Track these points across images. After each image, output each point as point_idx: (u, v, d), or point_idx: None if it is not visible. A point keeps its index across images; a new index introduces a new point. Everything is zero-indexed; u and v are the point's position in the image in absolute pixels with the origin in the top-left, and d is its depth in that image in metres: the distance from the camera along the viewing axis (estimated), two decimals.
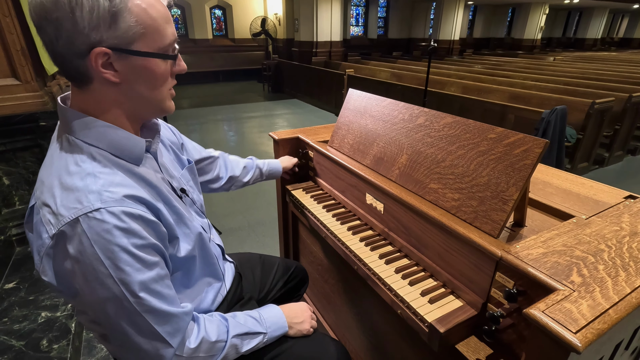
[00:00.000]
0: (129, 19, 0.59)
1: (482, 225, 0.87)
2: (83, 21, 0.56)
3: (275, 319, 0.90)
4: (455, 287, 0.91)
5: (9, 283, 1.90)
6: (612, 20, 19.69)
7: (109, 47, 0.59)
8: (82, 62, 0.59)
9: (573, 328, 0.56)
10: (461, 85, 5.51)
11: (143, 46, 0.62)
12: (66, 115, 0.64)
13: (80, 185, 0.60)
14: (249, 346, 0.82)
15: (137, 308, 0.62)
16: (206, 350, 0.73)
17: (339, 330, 1.58)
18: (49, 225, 0.59)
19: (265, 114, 6.99)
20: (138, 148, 0.69)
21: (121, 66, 0.62)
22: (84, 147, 0.63)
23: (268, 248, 2.60)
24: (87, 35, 0.57)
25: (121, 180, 0.63)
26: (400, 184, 1.12)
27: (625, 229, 0.84)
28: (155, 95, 0.68)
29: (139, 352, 0.66)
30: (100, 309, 0.61)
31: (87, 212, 0.58)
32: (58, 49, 0.58)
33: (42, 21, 0.57)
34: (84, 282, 0.59)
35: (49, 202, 0.60)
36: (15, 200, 2.22)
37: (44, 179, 0.63)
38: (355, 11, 12.94)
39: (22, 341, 1.57)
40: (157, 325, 0.65)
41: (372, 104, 1.35)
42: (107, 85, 0.63)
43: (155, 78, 0.66)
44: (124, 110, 0.67)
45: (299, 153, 1.61)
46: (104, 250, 0.58)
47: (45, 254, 0.60)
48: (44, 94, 2.14)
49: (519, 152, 0.86)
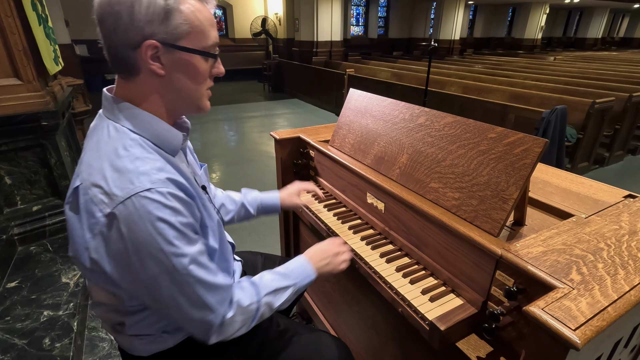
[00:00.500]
0: (179, 18, 0.65)
1: (482, 224, 0.88)
2: (140, 15, 0.62)
3: (301, 268, 0.92)
4: (455, 286, 0.92)
5: (11, 282, 1.91)
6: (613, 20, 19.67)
7: (159, 40, 0.65)
8: (133, 53, 0.65)
9: (572, 325, 0.57)
10: (461, 85, 5.51)
11: (188, 43, 0.68)
12: (114, 104, 0.70)
13: (131, 167, 0.64)
14: (281, 300, 0.85)
15: (188, 280, 0.67)
16: (243, 314, 0.78)
17: (339, 328, 1.58)
18: (102, 204, 0.63)
19: (266, 114, 7.00)
20: (176, 140, 0.75)
21: (167, 60, 0.68)
22: (130, 134, 0.69)
23: (269, 247, 2.61)
24: (142, 28, 0.63)
25: (163, 165, 0.68)
26: (401, 183, 1.13)
27: (625, 228, 0.84)
28: (194, 91, 0.74)
29: (190, 323, 0.71)
30: (153, 283, 0.66)
31: (139, 191, 0.62)
32: (114, 40, 0.65)
33: (104, 14, 0.63)
34: (137, 258, 0.63)
35: (100, 183, 0.64)
36: (17, 200, 2.23)
37: (91, 162, 0.67)
38: (356, 11, 12.95)
39: (25, 340, 1.57)
40: (207, 294, 0.70)
41: (373, 103, 1.36)
42: (153, 77, 0.69)
43: (196, 74, 0.72)
44: (164, 102, 0.73)
45: (300, 152, 1.62)
46: (155, 227, 0.62)
47: (99, 232, 0.64)
48: (45, 93, 2.15)
49: (519, 152, 0.86)
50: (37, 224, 2.24)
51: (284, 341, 0.96)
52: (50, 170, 2.27)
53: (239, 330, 0.78)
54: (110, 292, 0.73)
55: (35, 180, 2.26)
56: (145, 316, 0.76)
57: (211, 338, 0.74)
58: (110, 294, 0.73)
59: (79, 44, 8.64)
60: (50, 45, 2.44)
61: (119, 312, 0.76)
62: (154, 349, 0.81)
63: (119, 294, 0.72)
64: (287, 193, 1.29)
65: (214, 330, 0.73)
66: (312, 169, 1.60)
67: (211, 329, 0.73)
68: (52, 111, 2.11)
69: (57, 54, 2.64)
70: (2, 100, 1.97)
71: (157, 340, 0.80)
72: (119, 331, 0.79)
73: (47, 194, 2.33)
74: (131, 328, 0.78)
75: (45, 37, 2.29)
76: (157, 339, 0.80)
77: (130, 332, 0.78)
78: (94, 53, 9.18)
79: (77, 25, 8.65)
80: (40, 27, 2.20)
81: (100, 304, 0.77)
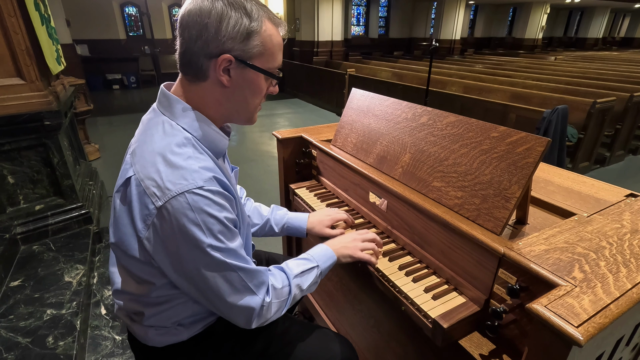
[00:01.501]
0: (256, 39, 0.72)
1: (484, 223, 0.88)
2: (225, 31, 0.69)
3: (322, 252, 0.98)
4: (458, 284, 0.92)
5: (14, 281, 1.91)
6: (614, 19, 19.65)
7: (234, 56, 0.71)
8: (207, 61, 0.71)
9: (575, 322, 0.57)
10: (462, 84, 5.51)
11: (258, 63, 0.74)
12: (173, 102, 0.75)
13: (184, 164, 0.68)
14: (309, 281, 0.91)
15: (231, 271, 0.72)
16: (278, 297, 0.83)
17: (342, 327, 1.59)
18: (154, 197, 0.67)
19: (267, 113, 7.00)
20: (223, 144, 0.81)
21: (235, 74, 0.74)
22: (184, 132, 0.73)
23: (270, 246, 2.61)
24: (223, 43, 0.70)
25: (212, 165, 0.73)
26: (403, 182, 1.14)
27: (626, 227, 0.85)
28: (249, 105, 0.80)
29: (235, 310, 0.76)
30: (199, 274, 0.70)
31: (192, 188, 0.66)
32: (194, 46, 0.70)
33: (191, 22, 0.69)
34: (186, 249, 0.68)
35: (154, 177, 0.68)
36: (20, 199, 2.24)
37: (145, 155, 0.71)
38: (357, 11, 12.94)
39: (28, 338, 1.58)
40: (248, 282, 0.75)
41: (375, 103, 1.37)
42: (217, 86, 0.74)
43: (256, 91, 0.78)
44: (221, 110, 0.78)
45: (302, 152, 1.63)
46: (204, 222, 0.67)
47: (152, 224, 0.68)
48: (48, 93, 2.16)
49: (521, 151, 0.87)
50: (39, 223, 2.25)
51: (289, 337, 0.97)
52: (52, 169, 2.28)
53: (275, 314, 0.83)
54: (140, 281, 0.76)
55: (37, 179, 2.27)
56: (165, 309, 0.80)
57: (253, 323, 0.79)
58: (137, 282, 0.77)
59: (80, 44, 8.66)
60: (53, 44, 2.44)
61: (142, 302, 0.79)
62: (168, 341, 0.84)
63: (151, 280, 0.75)
64: (319, 221, 1.17)
65: (256, 315, 0.78)
66: (314, 169, 1.61)
67: (253, 314, 0.77)
68: (55, 111, 2.12)
69: (60, 53, 2.65)
70: (5, 99, 1.98)
71: (172, 332, 0.83)
72: (136, 320, 0.82)
73: (49, 193, 2.34)
74: (149, 319, 0.80)
75: (47, 36, 2.30)
76: (172, 331, 0.83)
77: (148, 322, 0.81)
78: (95, 53, 9.21)
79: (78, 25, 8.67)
80: (43, 26, 2.21)
81: (125, 292, 0.80)
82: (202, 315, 0.86)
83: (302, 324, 1.05)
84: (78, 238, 2.33)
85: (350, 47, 11.44)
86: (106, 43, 9.51)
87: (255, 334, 0.93)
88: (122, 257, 0.76)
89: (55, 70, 2.38)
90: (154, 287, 0.76)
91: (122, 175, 0.74)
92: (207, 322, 0.88)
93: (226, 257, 0.71)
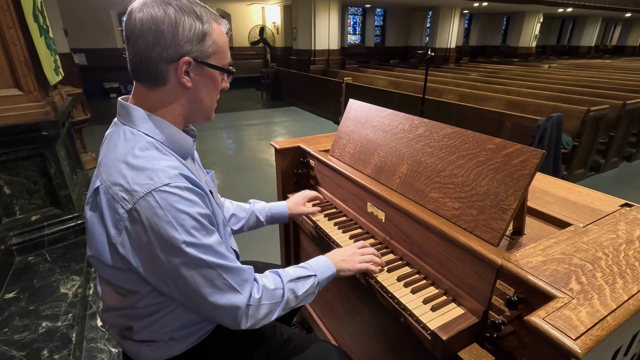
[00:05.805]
0: (210, 40, 0.75)
1: (482, 234, 0.89)
2: (182, 35, 0.71)
3: (321, 262, 0.98)
4: (456, 295, 0.92)
5: (9, 293, 1.89)
6: (606, 28, 19.98)
7: (193, 57, 0.74)
8: (167, 66, 0.73)
9: (573, 335, 0.58)
10: (458, 92, 5.57)
11: (214, 61, 0.78)
12: (130, 111, 0.76)
13: (149, 165, 0.69)
14: (304, 288, 0.89)
15: (210, 268, 0.71)
16: (269, 298, 0.82)
17: (340, 337, 1.58)
18: (123, 201, 0.67)
19: (264, 122, 7.02)
20: (187, 144, 0.82)
21: (195, 74, 0.76)
22: (146, 137, 0.74)
23: (268, 255, 2.61)
24: (182, 46, 0.72)
25: (177, 164, 0.74)
26: (401, 193, 1.14)
27: (622, 237, 0.86)
28: (209, 102, 0.82)
29: (219, 310, 0.75)
30: (177, 274, 0.70)
31: (159, 186, 0.67)
32: (151, 53, 0.71)
33: (145, 30, 0.69)
34: (160, 249, 0.68)
35: (121, 182, 0.68)
36: (16, 210, 2.22)
37: (109, 164, 0.72)
38: (353, 20, 13.10)
39: (23, 351, 1.56)
40: (228, 277, 0.74)
41: (373, 114, 1.38)
42: (179, 88, 0.76)
43: (215, 87, 0.81)
44: (182, 111, 0.79)
45: (300, 162, 1.63)
46: (176, 219, 0.67)
47: (124, 227, 0.68)
48: (46, 103, 2.16)
49: (517, 163, 0.88)
50: (35, 234, 2.23)
51: (288, 350, 0.96)
52: (49, 179, 2.27)
53: (267, 316, 0.82)
54: (124, 292, 0.76)
55: (34, 189, 2.26)
56: (154, 320, 0.79)
57: (242, 322, 0.77)
58: (122, 295, 0.76)
59: (78, 53, 8.69)
60: (51, 55, 2.45)
61: (128, 316, 0.78)
62: (161, 356, 0.83)
63: (134, 289, 0.74)
64: (294, 202, 1.33)
65: (242, 313, 0.77)
66: (312, 179, 1.61)
67: (239, 312, 0.76)
68: (53, 121, 2.12)
69: (58, 64, 2.66)
70: (3, 110, 1.98)
71: (165, 347, 0.82)
72: (127, 337, 0.81)
73: (46, 203, 2.33)
74: (139, 333, 0.80)
75: (46, 47, 2.31)
76: (164, 346, 0.82)
77: (138, 337, 0.80)
78: (93, 62, 9.24)
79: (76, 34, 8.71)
80: (41, 38, 2.23)
81: (111, 308, 0.80)
82: (194, 327, 0.85)
83: (300, 337, 1.04)
84: (74, 248, 2.31)
85: (347, 55, 11.55)
86: (104, 52, 9.55)
87: (252, 348, 0.93)
88: (102, 270, 0.76)
89: (53, 81, 2.39)
90: (140, 296, 0.75)
91: (90, 188, 0.75)
92: (200, 335, 0.87)
93: (202, 253, 0.70)
